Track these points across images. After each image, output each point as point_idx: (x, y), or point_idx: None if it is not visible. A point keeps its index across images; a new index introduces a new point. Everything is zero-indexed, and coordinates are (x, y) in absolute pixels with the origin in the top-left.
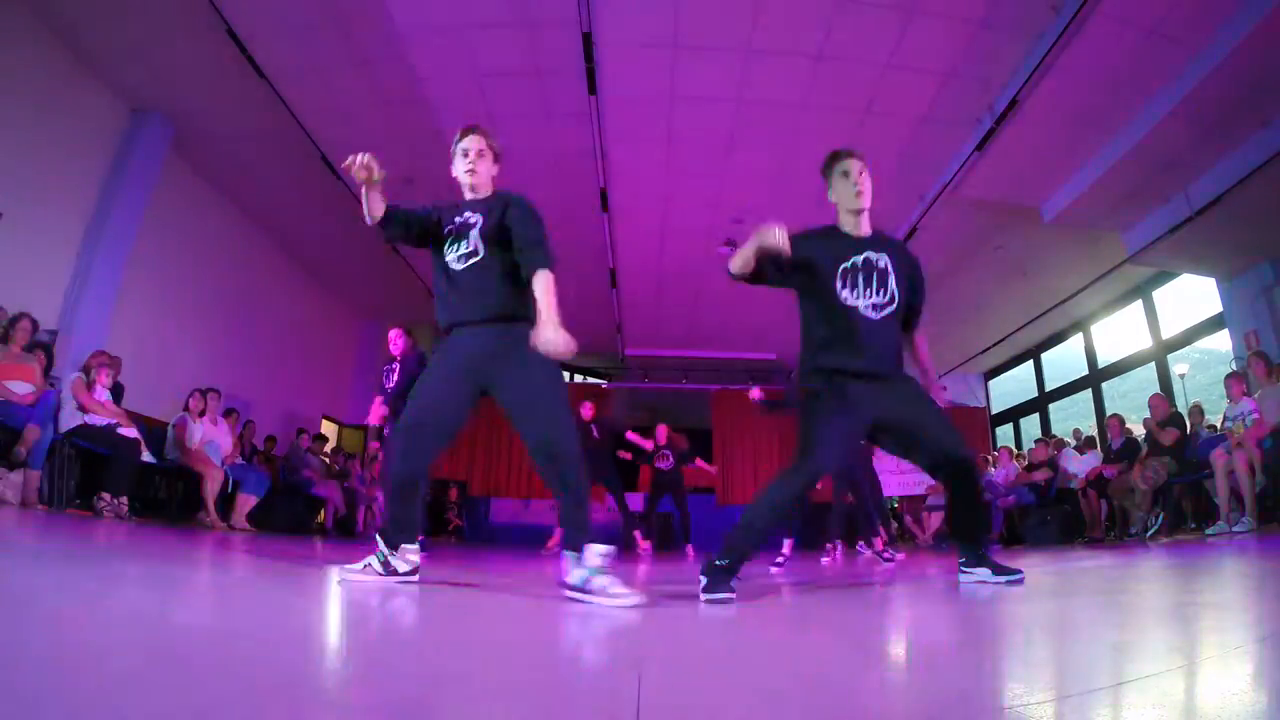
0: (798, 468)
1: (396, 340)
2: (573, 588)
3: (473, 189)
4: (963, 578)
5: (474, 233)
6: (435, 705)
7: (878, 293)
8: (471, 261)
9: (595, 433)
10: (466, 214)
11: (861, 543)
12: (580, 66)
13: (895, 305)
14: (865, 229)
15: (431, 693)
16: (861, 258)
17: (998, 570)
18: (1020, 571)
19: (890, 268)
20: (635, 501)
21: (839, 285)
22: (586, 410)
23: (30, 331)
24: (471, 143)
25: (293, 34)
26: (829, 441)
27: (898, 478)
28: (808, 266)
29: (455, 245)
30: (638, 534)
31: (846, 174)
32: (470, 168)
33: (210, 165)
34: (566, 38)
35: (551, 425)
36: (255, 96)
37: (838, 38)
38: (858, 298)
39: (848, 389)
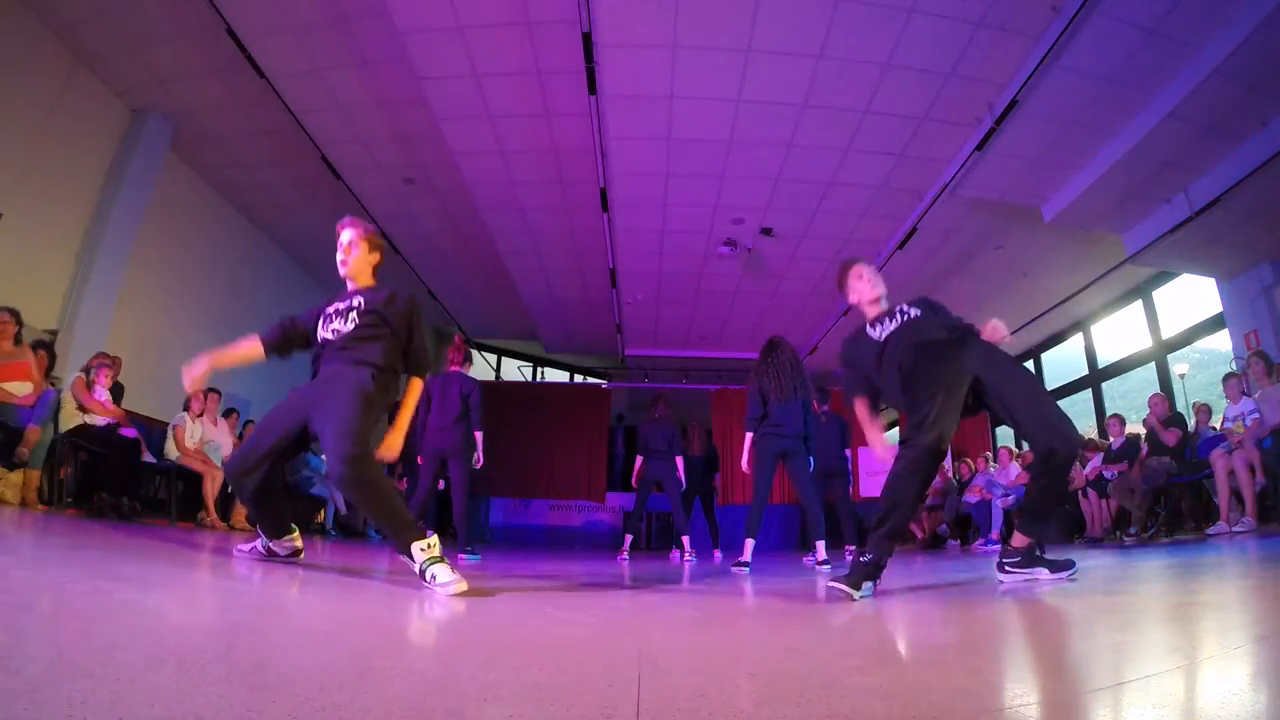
0: None
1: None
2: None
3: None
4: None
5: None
6: (434, 706)
7: None
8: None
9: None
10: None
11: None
12: (580, 66)
13: None
14: None
15: (430, 693)
16: None
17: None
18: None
19: None
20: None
21: None
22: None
23: (15, 326)
24: (343, 235)
25: (293, 34)
26: None
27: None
28: None
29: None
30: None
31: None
32: (341, 259)
33: (210, 165)
34: (566, 38)
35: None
36: (255, 96)
37: (838, 38)
38: None
39: None
